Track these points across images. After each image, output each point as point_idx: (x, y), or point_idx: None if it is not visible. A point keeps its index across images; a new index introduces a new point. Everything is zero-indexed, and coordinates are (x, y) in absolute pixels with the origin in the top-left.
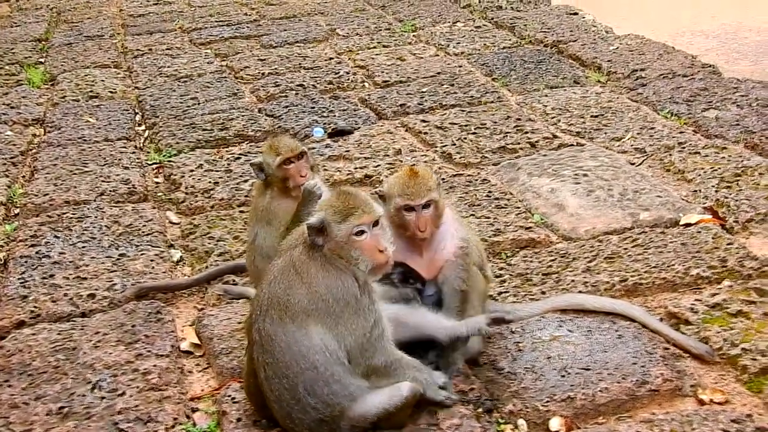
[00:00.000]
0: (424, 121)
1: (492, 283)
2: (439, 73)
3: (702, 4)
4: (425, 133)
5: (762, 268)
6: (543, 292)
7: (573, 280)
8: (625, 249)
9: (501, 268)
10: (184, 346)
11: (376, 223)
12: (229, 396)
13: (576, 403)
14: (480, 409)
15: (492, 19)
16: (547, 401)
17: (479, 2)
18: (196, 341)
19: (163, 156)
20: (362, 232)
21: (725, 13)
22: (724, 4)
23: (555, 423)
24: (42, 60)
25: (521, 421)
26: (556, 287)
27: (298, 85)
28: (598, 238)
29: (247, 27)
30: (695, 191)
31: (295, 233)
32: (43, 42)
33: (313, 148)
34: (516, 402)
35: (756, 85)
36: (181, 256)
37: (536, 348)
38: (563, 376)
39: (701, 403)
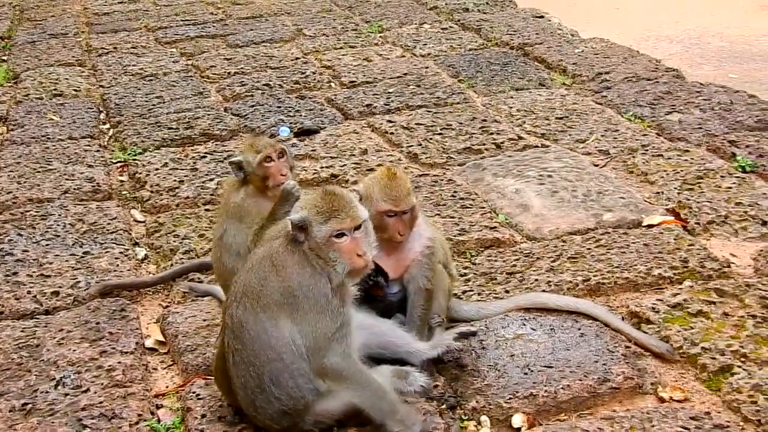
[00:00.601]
0: (390, 121)
1: (456, 281)
2: (405, 74)
3: (667, 10)
4: (391, 134)
5: (722, 269)
6: (507, 291)
7: (537, 280)
8: (588, 249)
9: (465, 267)
10: (149, 343)
11: (358, 227)
12: (194, 392)
13: (538, 400)
14: (444, 406)
15: (458, 21)
16: (510, 398)
17: (446, 4)
18: (161, 338)
19: (128, 154)
20: (342, 235)
21: (690, 18)
22: (688, 10)
23: (517, 419)
24: (5, 58)
25: (484, 418)
26: (519, 286)
27: (264, 85)
28: (561, 238)
29: (213, 26)
30: (658, 193)
31: (279, 225)
32: (5, 40)
33: None
34: (479, 399)
35: (718, 89)
36: (146, 254)
37: (500, 346)
38: (526, 374)
39: (661, 400)
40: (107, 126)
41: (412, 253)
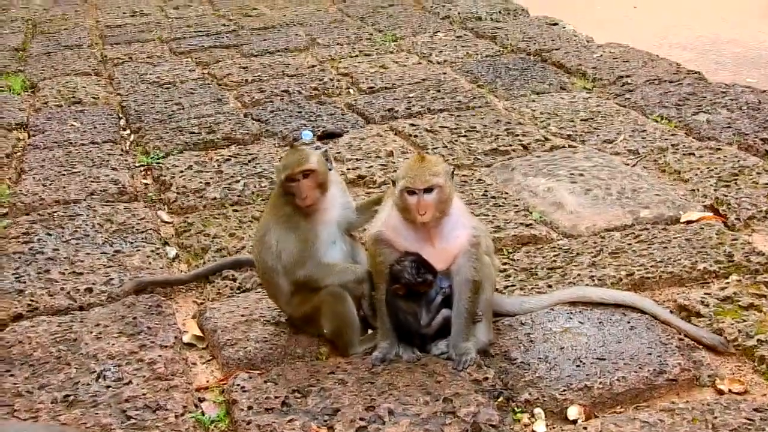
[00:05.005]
0: (413, 124)
1: (498, 275)
2: (424, 79)
3: (677, 17)
4: (415, 136)
5: None
6: (549, 286)
7: (579, 274)
8: (629, 244)
9: (505, 263)
10: (186, 338)
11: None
12: (239, 385)
13: (593, 392)
14: (500, 399)
15: (472, 29)
16: (564, 390)
17: (458, 14)
18: (199, 333)
19: (151, 158)
20: None
21: (701, 24)
22: (699, 16)
23: (573, 411)
24: (21, 68)
25: (538, 410)
26: (562, 281)
27: (282, 91)
28: (599, 234)
29: (227, 37)
30: (693, 190)
31: None
32: (21, 51)
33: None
34: (532, 391)
35: (744, 89)
36: (176, 253)
37: (548, 339)
38: (578, 366)
39: (720, 392)
40: (128, 132)
41: (459, 242)
